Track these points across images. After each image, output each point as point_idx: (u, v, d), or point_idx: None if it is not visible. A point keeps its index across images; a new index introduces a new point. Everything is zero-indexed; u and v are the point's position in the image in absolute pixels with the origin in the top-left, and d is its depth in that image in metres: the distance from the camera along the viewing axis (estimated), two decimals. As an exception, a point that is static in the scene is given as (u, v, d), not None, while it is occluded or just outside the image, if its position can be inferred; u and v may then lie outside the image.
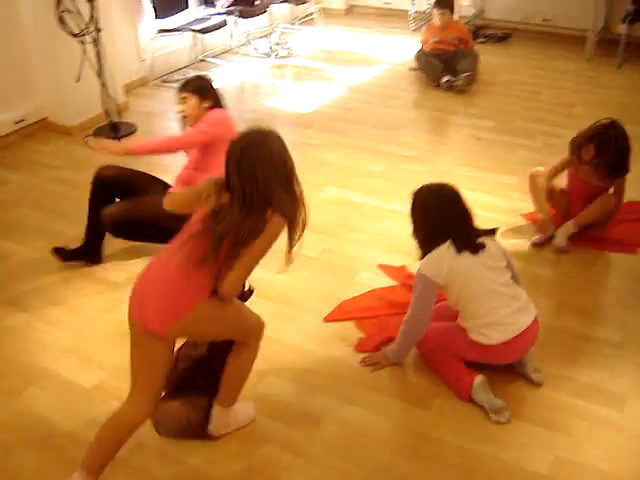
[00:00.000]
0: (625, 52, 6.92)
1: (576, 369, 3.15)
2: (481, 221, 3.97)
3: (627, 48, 6.92)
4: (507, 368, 3.08)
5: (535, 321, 3.00)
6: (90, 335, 3.47)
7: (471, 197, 4.54)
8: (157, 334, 2.42)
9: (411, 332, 3.07)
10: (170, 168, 4.19)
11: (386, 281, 3.79)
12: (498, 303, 2.93)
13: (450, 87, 6.34)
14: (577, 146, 3.95)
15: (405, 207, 3.12)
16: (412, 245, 3.10)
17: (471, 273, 2.91)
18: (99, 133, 5.62)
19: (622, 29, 6.94)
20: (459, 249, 2.91)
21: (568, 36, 7.70)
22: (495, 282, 2.93)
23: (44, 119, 5.76)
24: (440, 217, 3.00)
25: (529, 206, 4.33)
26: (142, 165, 4.20)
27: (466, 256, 2.90)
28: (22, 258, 4.10)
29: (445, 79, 6.34)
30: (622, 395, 3.00)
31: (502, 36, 7.92)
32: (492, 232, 3.06)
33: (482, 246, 2.94)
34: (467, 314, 2.99)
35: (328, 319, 3.52)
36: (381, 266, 3.91)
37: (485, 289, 2.92)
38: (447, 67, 6.52)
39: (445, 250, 2.92)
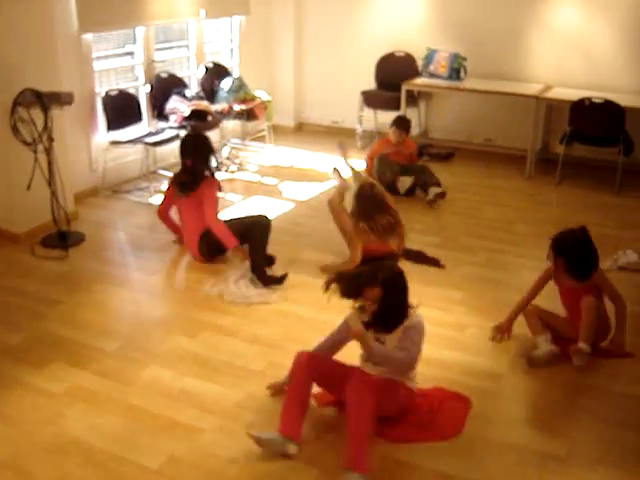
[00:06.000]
0: (563, 171, 7.24)
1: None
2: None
3: (565, 167, 7.23)
4: None
5: None
6: (28, 448, 3.35)
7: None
8: None
9: (402, 366, 3.48)
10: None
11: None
12: None
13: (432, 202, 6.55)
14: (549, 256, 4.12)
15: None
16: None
17: None
18: (47, 241, 5.61)
19: (560, 149, 7.30)
20: None
21: (509, 155, 8.06)
22: None
23: (-9, 225, 5.74)
24: None
25: (473, 320, 4.46)
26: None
27: None
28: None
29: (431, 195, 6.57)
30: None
31: (445, 155, 8.21)
32: None
33: None
34: None
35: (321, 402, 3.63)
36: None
37: None
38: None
39: None
